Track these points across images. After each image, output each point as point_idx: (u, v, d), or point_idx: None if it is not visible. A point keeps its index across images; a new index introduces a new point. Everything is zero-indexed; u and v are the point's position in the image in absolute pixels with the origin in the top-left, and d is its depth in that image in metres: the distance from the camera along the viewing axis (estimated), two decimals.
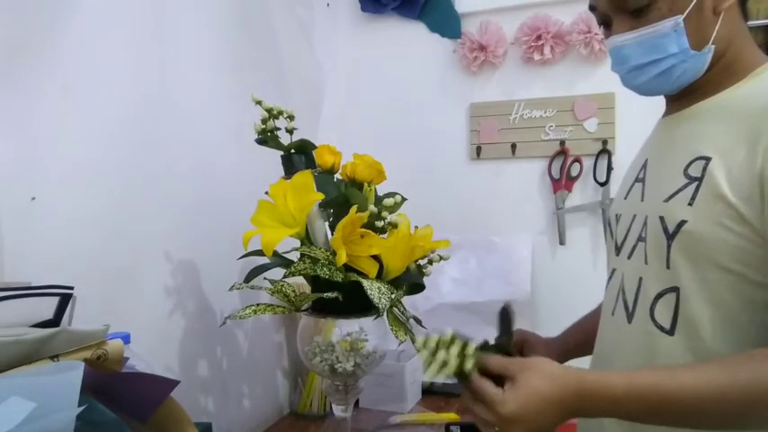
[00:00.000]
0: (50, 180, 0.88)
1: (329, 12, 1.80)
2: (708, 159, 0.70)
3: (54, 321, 0.71)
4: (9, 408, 0.51)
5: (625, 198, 0.85)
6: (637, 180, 0.83)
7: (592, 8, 0.80)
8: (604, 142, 1.55)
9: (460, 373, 0.69)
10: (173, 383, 0.73)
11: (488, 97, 1.67)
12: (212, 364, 1.25)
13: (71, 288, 0.72)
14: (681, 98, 0.79)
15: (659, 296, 0.75)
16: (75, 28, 0.92)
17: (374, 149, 1.14)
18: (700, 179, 0.70)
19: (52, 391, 0.54)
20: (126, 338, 0.83)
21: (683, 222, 0.71)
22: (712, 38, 0.73)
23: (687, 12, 0.71)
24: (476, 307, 1.54)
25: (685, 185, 0.72)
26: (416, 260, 1.11)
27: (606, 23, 0.79)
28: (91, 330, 0.67)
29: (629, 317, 0.79)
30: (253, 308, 1.03)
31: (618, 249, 0.84)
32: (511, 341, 0.79)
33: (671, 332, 0.73)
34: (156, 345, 1.06)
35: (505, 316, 0.80)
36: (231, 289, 1.07)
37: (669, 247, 0.72)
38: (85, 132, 0.94)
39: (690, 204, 0.70)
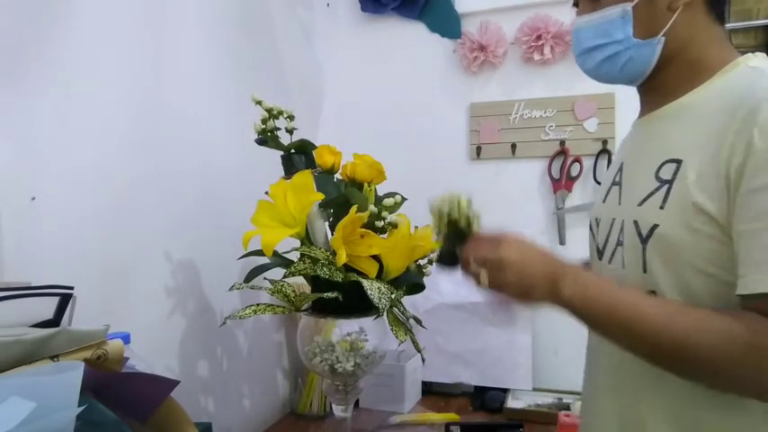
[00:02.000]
0: (50, 180, 0.88)
1: (329, 12, 1.80)
2: (678, 162, 0.70)
3: (54, 321, 0.71)
4: (9, 408, 0.51)
5: (603, 201, 0.85)
6: (614, 183, 0.83)
7: None
8: (604, 142, 1.55)
9: (466, 233, 0.78)
10: (173, 383, 0.73)
11: (488, 97, 1.67)
12: (212, 364, 1.25)
13: (71, 288, 0.72)
14: (652, 99, 0.79)
15: None
16: (76, 28, 0.92)
17: (374, 149, 1.14)
18: (670, 182, 0.70)
19: (52, 391, 0.54)
20: (126, 338, 0.83)
21: (655, 226, 0.70)
22: (663, 31, 0.73)
23: (636, 1, 0.73)
24: (476, 307, 1.54)
25: (657, 189, 0.71)
26: (416, 260, 1.11)
27: (577, 4, 0.82)
28: (91, 330, 0.67)
29: None
30: (253, 308, 1.03)
31: (600, 253, 0.84)
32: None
33: None
34: (156, 345, 1.06)
35: None
36: (231, 289, 1.07)
37: (644, 251, 0.72)
38: (85, 132, 0.94)
39: (661, 208, 0.70)
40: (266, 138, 1.11)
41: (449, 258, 0.81)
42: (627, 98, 1.16)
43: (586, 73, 0.82)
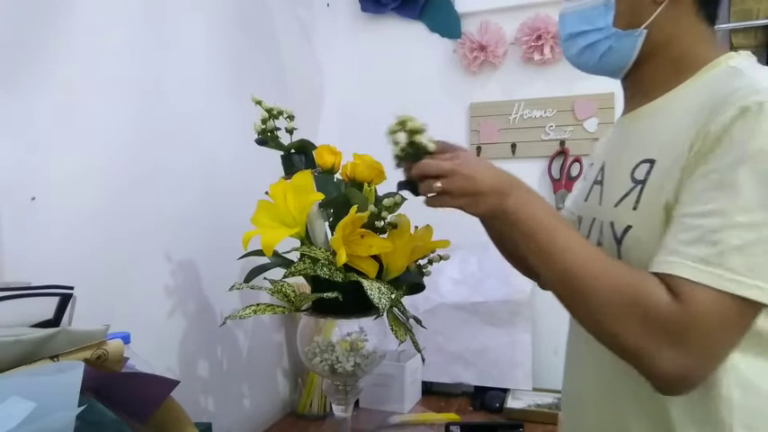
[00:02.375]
0: (50, 180, 0.88)
1: (329, 12, 1.80)
2: (652, 162, 0.69)
3: (54, 321, 0.71)
4: (9, 408, 0.51)
5: (585, 200, 0.84)
6: (596, 182, 0.82)
7: None
8: None
9: (423, 153, 0.78)
10: (173, 383, 0.73)
11: (488, 97, 1.67)
12: (212, 364, 1.25)
13: (71, 288, 0.72)
14: (634, 96, 0.78)
15: None
16: (75, 28, 0.92)
17: (374, 149, 1.13)
18: (643, 182, 0.69)
19: (52, 391, 0.54)
20: (126, 338, 0.83)
21: (628, 227, 0.70)
22: (645, 23, 0.72)
23: None
24: (476, 307, 1.54)
25: (631, 189, 0.71)
26: (416, 260, 1.11)
27: None
28: (91, 330, 0.67)
29: None
30: (253, 308, 1.03)
31: None
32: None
33: None
34: (156, 345, 1.06)
35: None
36: (231, 289, 1.07)
37: (619, 252, 0.71)
38: (85, 133, 0.94)
39: (634, 209, 0.69)
40: (266, 138, 1.11)
41: (408, 182, 0.80)
42: None
43: (569, 60, 0.82)
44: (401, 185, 0.82)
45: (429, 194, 0.75)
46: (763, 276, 0.58)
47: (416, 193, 0.79)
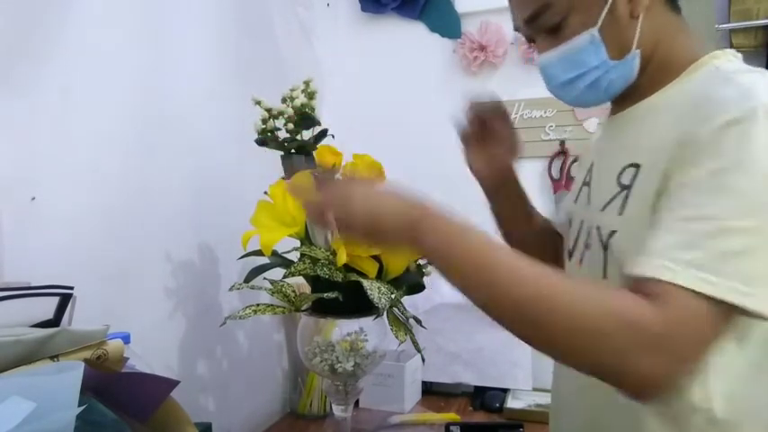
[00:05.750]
0: (50, 180, 0.88)
1: (329, 12, 1.80)
2: (637, 167, 0.68)
3: (54, 321, 0.71)
4: (9, 408, 0.51)
5: (575, 201, 0.83)
6: (584, 183, 0.81)
7: (516, 29, 0.78)
8: None
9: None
10: (173, 383, 0.73)
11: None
12: (212, 364, 1.25)
13: (71, 288, 0.72)
14: (622, 98, 0.77)
15: None
16: (75, 28, 0.92)
17: (374, 149, 1.14)
18: (629, 187, 0.68)
19: (52, 391, 0.54)
20: (126, 338, 0.83)
21: (612, 233, 0.69)
22: (634, 43, 0.70)
23: (600, 23, 0.69)
24: (476, 307, 1.54)
25: (617, 194, 0.70)
26: (416, 260, 1.11)
27: (533, 41, 0.78)
28: (91, 330, 0.67)
29: None
30: (253, 308, 1.03)
31: (570, 254, 0.82)
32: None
33: None
34: (156, 345, 1.06)
35: None
36: (231, 289, 1.07)
37: (605, 256, 0.71)
38: (85, 132, 0.94)
39: (620, 214, 0.68)
40: (266, 138, 1.11)
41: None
42: None
43: (568, 103, 0.78)
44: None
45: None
46: (757, 284, 0.56)
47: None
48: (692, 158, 0.60)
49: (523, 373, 1.52)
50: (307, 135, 1.11)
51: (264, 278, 1.10)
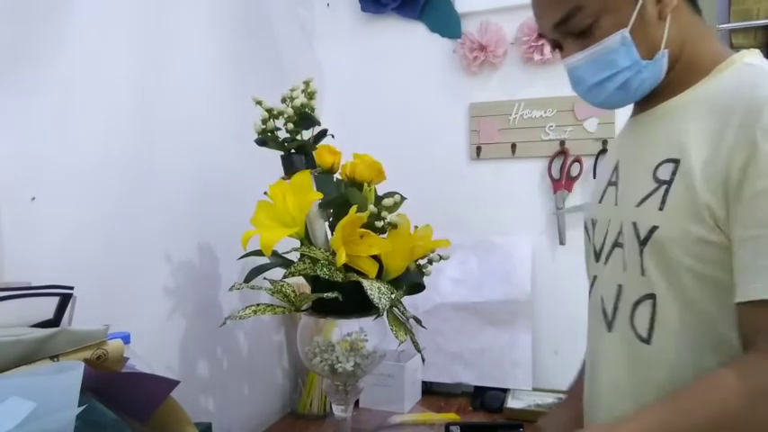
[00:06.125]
0: (50, 180, 0.88)
1: (329, 12, 1.80)
2: (676, 162, 0.69)
3: (54, 321, 0.71)
4: (9, 408, 0.51)
5: (600, 202, 0.84)
6: (610, 183, 0.82)
7: (541, 35, 0.80)
8: (604, 142, 1.55)
9: None
10: (173, 383, 0.73)
11: (488, 97, 1.67)
12: (212, 364, 1.25)
13: (71, 288, 0.72)
14: (646, 99, 0.78)
15: (637, 304, 0.73)
16: (75, 28, 0.92)
17: (374, 149, 1.14)
18: (669, 182, 0.69)
19: (52, 391, 0.54)
20: (126, 338, 0.83)
21: (654, 228, 0.69)
22: (663, 43, 0.72)
23: (631, 23, 0.71)
24: (476, 307, 1.54)
25: (655, 189, 0.70)
26: (416, 260, 1.11)
27: (559, 47, 0.79)
28: (91, 330, 0.67)
29: (609, 325, 0.78)
30: (253, 308, 1.03)
31: (597, 255, 0.83)
32: None
33: (648, 341, 0.72)
34: (156, 345, 1.06)
35: None
36: (231, 289, 1.07)
37: (642, 253, 0.71)
38: (85, 132, 0.94)
39: (660, 209, 0.69)
40: (266, 138, 1.11)
41: None
42: None
43: (598, 105, 0.79)
44: None
45: None
46: None
47: None
48: (757, 168, 0.61)
49: (523, 373, 1.52)
50: (306, 135, 1.11)
51: (264, 278, 1.10)
